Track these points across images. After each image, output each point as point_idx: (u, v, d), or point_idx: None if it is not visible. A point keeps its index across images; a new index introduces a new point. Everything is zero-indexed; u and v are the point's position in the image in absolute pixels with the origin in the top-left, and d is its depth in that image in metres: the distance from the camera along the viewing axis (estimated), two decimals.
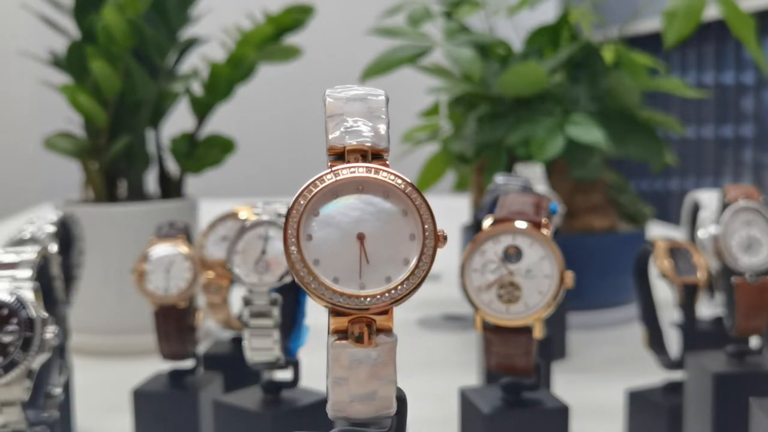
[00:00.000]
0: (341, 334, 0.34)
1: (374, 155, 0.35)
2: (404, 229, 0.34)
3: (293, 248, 0.33)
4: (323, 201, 0.34)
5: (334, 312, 0.34)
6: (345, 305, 0.33)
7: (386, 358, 0.33)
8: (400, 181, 0.34)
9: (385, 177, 0.34)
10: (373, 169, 0.34)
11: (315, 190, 0.34)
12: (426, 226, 0.33)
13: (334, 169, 0.34)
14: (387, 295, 0.33)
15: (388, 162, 0.35)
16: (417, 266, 0.33)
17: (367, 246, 0.33)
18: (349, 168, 0.34)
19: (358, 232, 0.33)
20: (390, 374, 0.34)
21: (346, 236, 0.34)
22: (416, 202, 0.33)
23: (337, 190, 0.34)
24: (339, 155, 0.35)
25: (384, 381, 0.34)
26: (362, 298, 0.33)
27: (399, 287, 0.33)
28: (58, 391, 0.60)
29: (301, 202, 0.34)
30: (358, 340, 0.33)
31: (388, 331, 0.34)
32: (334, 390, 0.34)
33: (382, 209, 0.34)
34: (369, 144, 0.34)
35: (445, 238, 0.33)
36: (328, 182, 0.34)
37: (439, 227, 0.34)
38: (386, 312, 0.33)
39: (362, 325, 0.33)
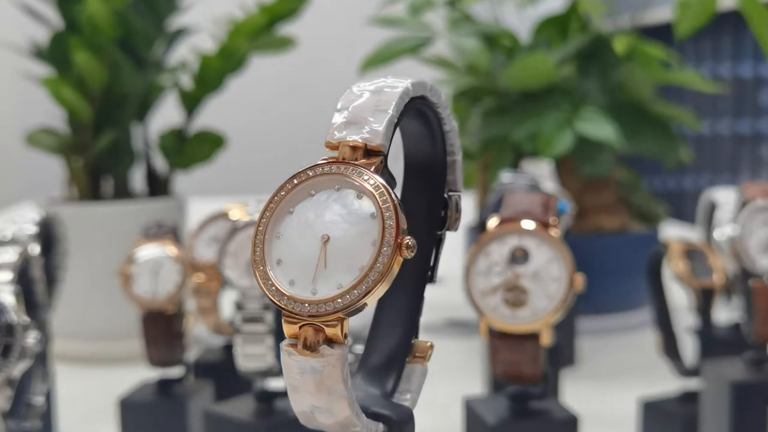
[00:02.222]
0: (294, 339, 0.33)
1: (371, 152, 0.34)
2: (370, 234, 0.33)
3: (258, 248, 0.34)
4: (298, 199, 0.34)
5: (285, 316, 0.33)
6: (293, 311, 0.33)
7: (331, 370, 0.33)
8: (373, 181, 0.33)
9: (362, 177, 0.33)
10: (352, 168, 0.33)
11: (290, 188, 0.34)
12: (386, 233, 0.32)
13: (314, 165, 0.34)
14: (332, 304, 0.32)
15: (382, 159, 0.34)
16: (365, 276, 0.32)
17: (329, 249, 0.33)
18: (330, 165, 0.34)
19: (323, 233, 0.33)
20: (339, 389, 0.33)
21: (312, 237, 0.33)
22: (384, 205, 0.33)
23: (314, 188, 0.34)
24: (336, 150, 0.35)
25: (334, 396, 0.33)
26: (307, 305, 0.33)
27: (345, 296, 0.32)
28: (40, 400, 0.60)
29: (276, 199, 0.34)
30: (305, 347, 0.33)
31: (337, 342, 0.33)
32: (291, 398, 0.34)
33: (352, 211, 0.33)
34: (361, 140, 0.34)
35: (409, 247, 0.32)
36: (304, 179, 0.34)
37: (408, 236, 0.33)
38: (337, 321, 0.33)
39: (309, 333, 0.33)
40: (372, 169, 0.33)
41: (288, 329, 0.33)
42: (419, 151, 0.40)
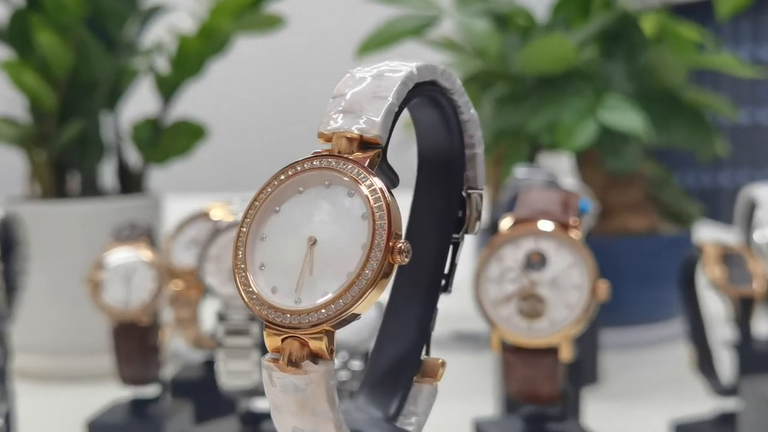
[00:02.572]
0: (276, 354, 0.33)
1: (367, 144, 0.34)
2: (359, 236, 0.32)
3: (240, 251, 0.34)
4: (285, 196, 0.34)
5: (267, 328, 0.33)
6: (274, 321, 0.33)
7: (315, 389, 0.33)
8: (365, 178, 0.33)
9: (353, 172, 0.33)
10: (344, 162, 0.33)
11: (277, 184, 0.34)
12: (376, 235, 0.32)
13: (304, 158, 0.34)
14: (315, 314, 0.32)
15: (379, 152, 0.34)
16: (353, 283, 0.32)
17: (316, 253, 0.33)
18: (321, 158, 0.34)
19: (310, 235, 0.33)
20: (323, 410, 0.33)
21: (299, 240, 0.33)
22: (375, 204, 0.32)
23: (303, 184, 0.34)
24: (329, 142, 0.35)
25: (320, 417, 0.33)
26: (289, 315, 0.32)
27: (330, 306, 0.32)
28: None
29: (261, 197, 0.34)
30: (288, 363, 0.33)
31: (322, 357, 0.33)
32: (274, 419, 0.34)
33: (341, 211, 0.33)
34: (357, 130, 0.34)
35: (402, 251, 0.32)
36: (292, 175, 0.34)
37: (403, 239, 0.32)
38: (322, 334, 0.32)
39: (293, 346, 0.33)
40: (366, 164, 0.33)
41: (270, 342, 0.33)
42: (433, 143, 0.39)
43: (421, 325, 0.40)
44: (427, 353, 0.40)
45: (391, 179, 0.35)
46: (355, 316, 0.32)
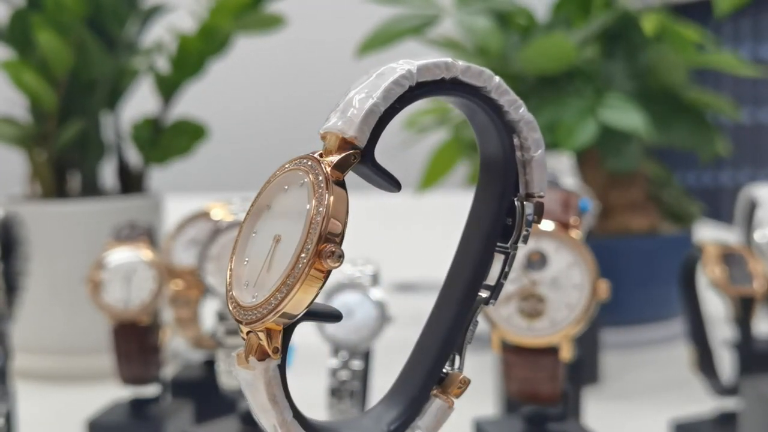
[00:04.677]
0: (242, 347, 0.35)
1: (349, 144, 0.34)
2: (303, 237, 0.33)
3: (236, 246, 0.35)
4: (274, 193, 0.35)
5: (236, 321, 0.34)
6: (235, 316, 0.34)
7: (258, 385, 0.33)
8: (321, 178, 0.33)
9: (314, 172, 0.33)
10: (313, 161, 0.34)
11: (270, 181, 0.35)
12: (309, 237, 0.32)
13: (293, 158, 0.35)
14: (255, 311, 0.33)
15: (356, 153, 0.34)
16: (283, 282, 0.32)
17: (277, 251, 0.34)
18: (302, 158, 0.34)
19: (276, 233, 0.34)
20: (267, 407, 0.34)
21: (270, 236, 0.34)
22: (317, 206, 0.33)
23: (287, 182, 0.35)
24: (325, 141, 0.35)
25: (267, 414, 0.34)
26: (243, 310, 0.33)
27: (264, 305, 0.33)
28: None
29: (258, 194, 0.35)
30: (245, 357, 0.34)
31: (266, 353, 0.33)
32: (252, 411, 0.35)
33: (301, 210, 0.33)
34: (337, 130, 0.34)
35: (331, 255, 0.32)
36: (280, 174, 0.35)
37: (337, 243, 0.33)
38: (264, 330, 0.33)
39: (251, 341, 0.34)
40: (333, 165, 0.33)
41: (242, 335, 0.35)
42: (484, 145, 0.38)
43: (449, 335, 0.39)
44: (459, 367, 0.39)
45: (382, 182, 0.34)
46: (292, 316, 0.33)
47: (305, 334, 0.63)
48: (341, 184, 0.33)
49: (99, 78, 1.04)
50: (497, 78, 0.36)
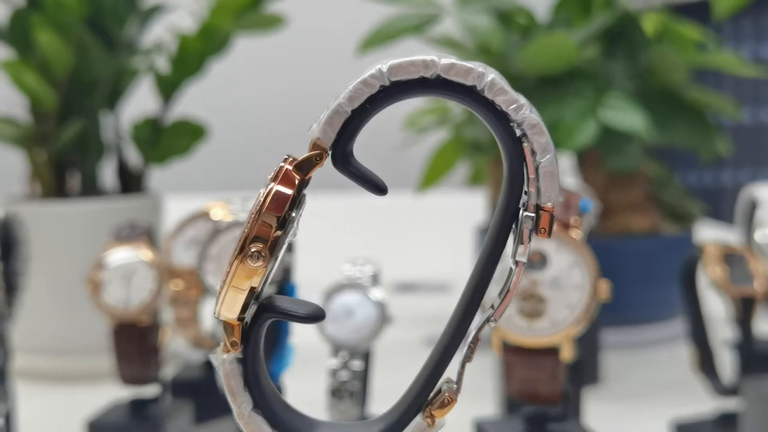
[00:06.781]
0: None
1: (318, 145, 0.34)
2: None
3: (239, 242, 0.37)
4: None
5: None
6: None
7: (221, 377, 0.36)
8: (271, 181, 0.34)
9: (274, 174, 0.34)
10: (281, 164, 0.34)
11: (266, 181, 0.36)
12: (241, 237, 0.34)
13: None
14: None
15: (319, 154, 0.34)
16: (223, 283, 0.34)
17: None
18: (284, 161, 0.35)
19: None
20: (229, 398, 0.36)
21: None
22: (254, 207, 0.34)
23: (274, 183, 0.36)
24: None
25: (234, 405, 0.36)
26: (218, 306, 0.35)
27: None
28: None
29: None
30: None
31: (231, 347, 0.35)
32: None
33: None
34: (310, 132, 0.34)
35: (251, 256, 0.34)
36: (270, 175, 0.35)
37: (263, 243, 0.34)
38: (227, 324, 0.35)
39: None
40: (295, 164, 0.34)
41: None
42: (503, 151, 0.35)
43: (447, 349, 0.37)
44: (456, 384, 0.37)
45: (369, 184, 0.34)
46: (233, 318, 0.35)
47: (306, 334, 0.63)
48: (303, 184, 0.34)
49: (99, 78, 1.04)
50: (491, 76, 0.33)
